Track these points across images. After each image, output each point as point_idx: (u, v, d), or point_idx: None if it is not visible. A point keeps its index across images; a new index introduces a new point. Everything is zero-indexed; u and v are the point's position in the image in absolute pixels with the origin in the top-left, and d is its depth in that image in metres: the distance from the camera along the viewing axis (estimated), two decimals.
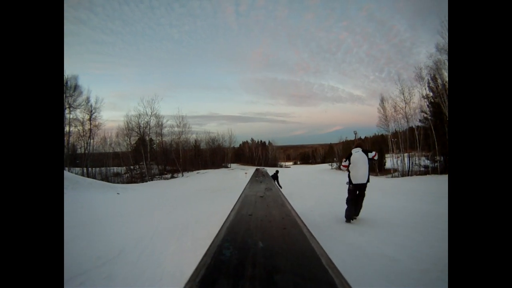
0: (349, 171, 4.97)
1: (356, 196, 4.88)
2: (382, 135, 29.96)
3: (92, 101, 26.11)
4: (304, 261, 0.62)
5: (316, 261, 0.61)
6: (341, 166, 5.33)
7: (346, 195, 4.99)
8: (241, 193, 1.82)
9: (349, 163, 4.90)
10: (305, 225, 0.90)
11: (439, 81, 19.05)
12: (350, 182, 4.92)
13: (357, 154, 4.85)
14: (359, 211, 4.84)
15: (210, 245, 0.76)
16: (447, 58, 17.60)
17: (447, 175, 14.66)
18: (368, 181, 4.80)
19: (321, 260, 0.61)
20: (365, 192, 4.89)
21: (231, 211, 1.20)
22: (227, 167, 38.85)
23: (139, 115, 29.26)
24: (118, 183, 23.85)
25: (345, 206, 4.88)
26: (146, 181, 25.23)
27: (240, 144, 55.14)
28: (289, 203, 1.40)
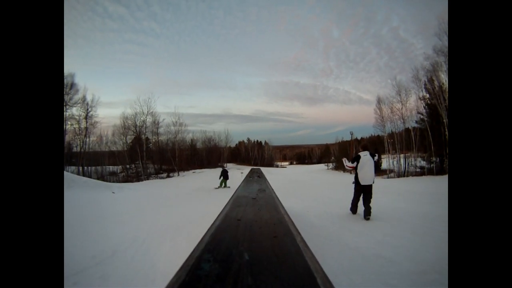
0: (356, 173, 5.30)
1: (360, 195, 5.28)
2: (378, 135, 29.93)
3: (89, 99, 25.75)
4: (296, 279, 0.52)
5: (309, 278, 0.52)
6: (347, 166, 5.60)
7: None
8: (233, 194, 1.72)
9: (357, 165, 5.25)
10: (299, 233, 0.79)
11: (435, 82, 19.07)
12: (357, 183, 5.28)
13: (365, 157, 5.19)
14: (370, 211, 5.04)
15: (189, 256, 0.66)
16: (444, 60, 17.64)
17: (443, 176, 14.72)
18: (373, 182, 5.20)
19: (316, 279, 0.51)
20: (372, 192, 5.23)
21: (219, 214, 1.10)
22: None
23: (136, 113, 28.99)
24: (114, 182, 23.59)
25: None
26: (142, 180, 24.95)
27: (236, 144, 54.97)
28: (282, 206, 1.29)
